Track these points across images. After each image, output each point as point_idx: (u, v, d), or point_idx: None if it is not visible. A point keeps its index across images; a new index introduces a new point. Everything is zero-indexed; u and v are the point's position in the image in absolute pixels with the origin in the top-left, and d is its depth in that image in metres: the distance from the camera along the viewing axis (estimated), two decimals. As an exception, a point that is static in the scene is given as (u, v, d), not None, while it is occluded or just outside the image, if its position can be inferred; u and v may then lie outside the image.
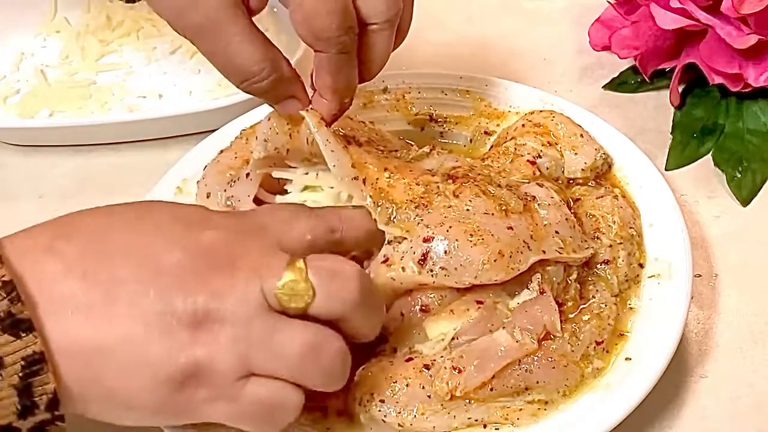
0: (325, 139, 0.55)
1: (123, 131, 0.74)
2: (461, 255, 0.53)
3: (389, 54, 0.56)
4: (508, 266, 0.53)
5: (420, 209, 0.54)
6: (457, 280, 0.53)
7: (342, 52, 0.53)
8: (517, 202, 0.56)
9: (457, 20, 0.85)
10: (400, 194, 0.55)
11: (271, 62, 0.53)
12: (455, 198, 0.55)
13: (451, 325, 0.54)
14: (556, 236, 0.56)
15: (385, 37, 0.54)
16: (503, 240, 0.53)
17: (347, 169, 0.55)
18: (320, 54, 0.53)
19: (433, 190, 0.55)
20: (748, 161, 0.70)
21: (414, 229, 0.54)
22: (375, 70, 0.56)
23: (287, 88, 0.55)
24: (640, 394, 0.52)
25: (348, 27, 0.52)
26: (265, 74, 0.53)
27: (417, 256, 0.53)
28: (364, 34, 0.54)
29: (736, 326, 0.60)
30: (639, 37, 0.73)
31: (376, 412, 0.52)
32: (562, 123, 0.65)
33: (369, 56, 0.55)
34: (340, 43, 0.52)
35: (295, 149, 0.57)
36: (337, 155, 0.55)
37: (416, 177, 0.56)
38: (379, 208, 0.55)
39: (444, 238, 0.53)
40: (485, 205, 0.54)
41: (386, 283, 0.54)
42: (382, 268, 0.54)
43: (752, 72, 0.70)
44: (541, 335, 0.53)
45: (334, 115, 0.56)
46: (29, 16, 0.84)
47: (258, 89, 0.54)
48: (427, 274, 0.53)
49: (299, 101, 0.56)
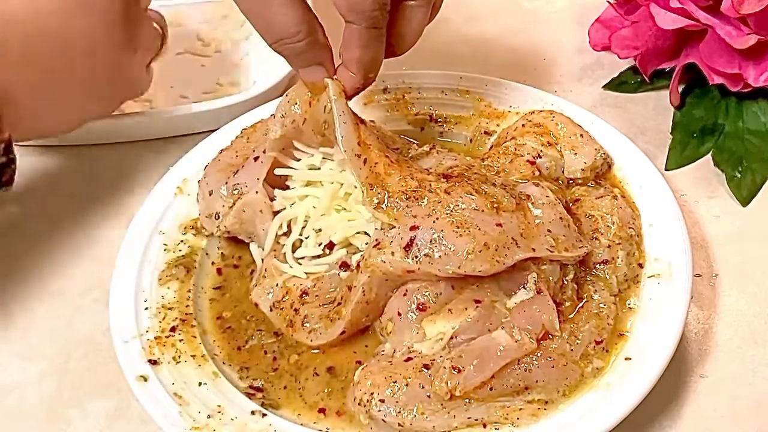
0: (341, 110, 0.56)
1: (123, 131, 0.74)
2: (446, 243, 0.53)
3: (423, 30, 0.57)
4: (492, 259, 0.53)
5: (410, 201, 0.55)
6: (441, 267, 0.53)
7: (373, 27, 0.53)
8: (510, 201, 0.56)
9: (457, 20, 0.85)
10: (394, 183, 0.56)
11: (308, 25, 0.54)
12: (446, 195, 0.55)
13: (449, 324, 0.54)
14: (549, 234, 0.56)
15: (422, 13, 0.56)
16: (490, 234, 0.53)
17: (353, 144, 0.56)
18: (351, 26, 0.54)
19: (425, 187, 0.56)
20: (748, 161, 0.70)
21: (402, 217, 0.54)
22: (407, 44, 0.57)
23: (318, 54, 0.56)
24: (640, 394, 0.52)
25: (383, 3, 0.53)
26: (301, 36, 0.54)
27: (403, 242, 0.53)
28: (401, 9, 0.55)
29: (736, 326, 0.60)
30: (639, 37, 0.73)
31: (376, 412, 0.52)
32: (562, 123, 0.65)
33: (403, 31, 0.56)
34: (372, 17, 0.53)
35: (312, 119, 0.58)
36: (347, 128, 0.56)
37: (413, 173, 0.57)
38: (371, 191, 0.55)
39: (430, 227, 0.53)
40: (476, 202, 0.55)
41: (378, 266, 0.54)
42: (374, 251, 0.54)
43: (752, 72, 0.70)
44: (540, 335, 0.53)
45: (356, 89, 0.57)
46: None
47: (291, 50, 0.55)
48: (412, 260, 0.53)
49: (325, 70, 0.56)
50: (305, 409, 0.55)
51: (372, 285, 0.55)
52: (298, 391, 0.55)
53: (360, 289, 0.54)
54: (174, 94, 0.79)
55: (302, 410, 0.54)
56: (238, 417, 0.52)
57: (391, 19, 0.55)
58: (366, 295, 0.55)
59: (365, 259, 0.55)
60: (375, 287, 0.55)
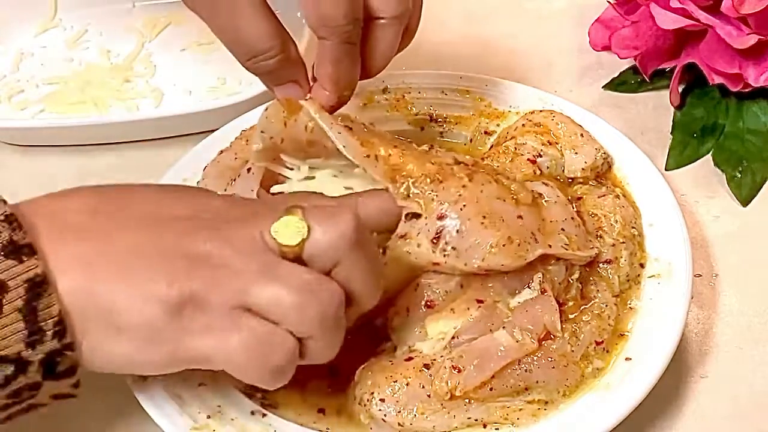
0: (329, 123, 0.54)
1: (123, 131, 0.74)
2: (472, 236, 0.52)
3: (394, 52, 0.56)
4: (516, 253, 0.53)
5: (435, 184, 0.54)
6: (467, 261, 0.53)
7: (346, 42, 0.53)
8: (527, 194, 0.56)
9: (457, 20, 0.85)
10: (414, 168, 0.55)
11: (281, 42, 0.53)
12: (469, 181, 0.54)
13: (451, 323, 0.54)
14: (562, 233, 0.56)
15: (392, 33, 0.54)
16: (513, 227, 0.53)
17: (357, 149, 0.55)
18: (324, 42, 0.53)
19: (446, 171, 0.55)
20: (748, 161, 0.70)
21: (430, 205, 0.53)
22: (378, 66, 0.56)
23: (291, 72, 0.55)
24: (640, 394, 0.52)
25: (355, 18, 0.52)
26: (273, 53, 0.53)
27: (431, 234, 0.53)
28: (371, 28, 0.54)
29: (736, 326, 0.60)
30: (639, 37, 0.73)
31: (376, 412, 0.52)
32: (562, 122, 0.65)
33: (373, 51, 0.55)
34: (345, 32, 0.52)
35: (291, 138, 0.56)
36: (344, 136, 0.54)
37: (429, 158, 0.56)
38: (395, 183, 0.54)
39: (457, 216, 0.53)
40: (498, 191, 0.54)
41: (402, 257, 0.53)
42: (399, 242, 0.53)
43: (752, 72, 0.70)
44: (542, 335, 0.53)
45: (332, 107, 0.55)
46: (29, 16, 0.84)
47: (264, 67, 0.54)
48: (440, 253, 0.53)
49: (300, 87, 0.55)
50: (305, 408, 0.54)
51: (393, 274, 0.54)
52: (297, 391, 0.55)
53: None
54: (175, 94, 0.78)
55: (302, 410, 0.54)
56: (238, 417, 0.52)
57: (363, 37, 0.54)
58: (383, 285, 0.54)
59: (390, 249, 0.54)
60: (394, 278, 0.54)
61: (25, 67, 0.82)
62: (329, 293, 0.45)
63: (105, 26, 0.84)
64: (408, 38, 0.57)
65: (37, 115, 0.77)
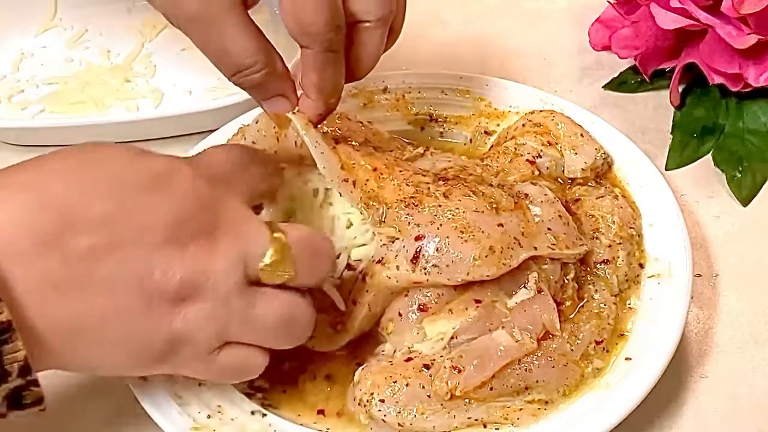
0: (314, 141, 0.54)
1: (123, 131, 0.74)
2: (452, 251, 0.53)
3: (380, 55, 0.55)
4: (499, 262, 0.53)
5: (410, 208, 0.54)
6: (450, 277, 0.53)
7: (328, 50, 0.52)
8: (508, 200, 0.56)
9: (457, 20, 0.85)
10: (390, 194, 0.55)
11: (265, 56, 0.53)
12: (445, 198, 0.55)
13: (449, 324, 0.54)
14: (549, 233, 0.56)
15: (377, 36, 0.54)
16: (494, 236, 0.53)
17: (337, 171, 0.55)
18: (306, 51, 0.52)
19: (423, 191, 0.55)
20: (748, 161, 0.70)
21: (405, 228, 0.54)
22: (364, 69, 0.55)
23: (278, 85, 0.54)
24: (640, 394, 0.52)
25: (336, 25, 0.51)
26: (258, 67, 0.53)
27: (410, 255, 0.53)
28: (355, 32, 0.54)
29: (736, 326, 0.60)
30: (639, 37, 0.73)
31: (376, 412, 0.52)
32: (562, 122, 0.65)
33: (359, 55, 0.55)
34: (327, 40, 0.51)
35: (283, 151, 0.57)
36: (326, 157, 0.55)
37: (407, 177, 0.56)
38: (369, 209, 0.55)
39: (435, 235, 0.53)
40: (475, 203, 0.54)
41: (382, 282, 0.54)
42: (377, 268, 0.54)
43: (752, 72, 0.70)
44: (541, 335, 0.53)
45: (319, 116, 0.55)
46: (29, 16, 0.84)
47: (250, 82, 0.53)
48: (420, 272, 0.53)
49: (288, 101, 0.55)
50: (305, 409, 0.54)
51: (378, 301, 0.54)
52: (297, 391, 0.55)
53: (365, 306, 0.54)
54: (175, 94, 0.79)
55: (302, 410, 0.54)
56: (238, 417, 0.52)
57: (348, 42, 0.53)
58: (371, 311, 0.55)
59: (369, 276, 0.54)
60: (381, 302, 0.55)
61: (25, 67, 0.82)
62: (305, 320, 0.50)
63: (105, 26, 0.84)
64: (393, 39, 0.56)
65: (37, 115, 0.77)
